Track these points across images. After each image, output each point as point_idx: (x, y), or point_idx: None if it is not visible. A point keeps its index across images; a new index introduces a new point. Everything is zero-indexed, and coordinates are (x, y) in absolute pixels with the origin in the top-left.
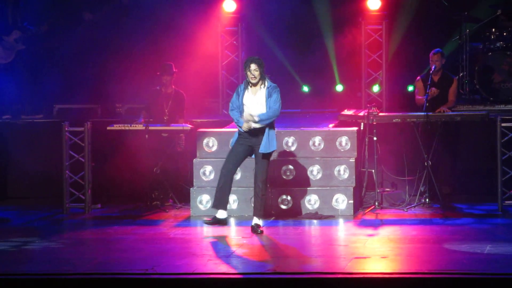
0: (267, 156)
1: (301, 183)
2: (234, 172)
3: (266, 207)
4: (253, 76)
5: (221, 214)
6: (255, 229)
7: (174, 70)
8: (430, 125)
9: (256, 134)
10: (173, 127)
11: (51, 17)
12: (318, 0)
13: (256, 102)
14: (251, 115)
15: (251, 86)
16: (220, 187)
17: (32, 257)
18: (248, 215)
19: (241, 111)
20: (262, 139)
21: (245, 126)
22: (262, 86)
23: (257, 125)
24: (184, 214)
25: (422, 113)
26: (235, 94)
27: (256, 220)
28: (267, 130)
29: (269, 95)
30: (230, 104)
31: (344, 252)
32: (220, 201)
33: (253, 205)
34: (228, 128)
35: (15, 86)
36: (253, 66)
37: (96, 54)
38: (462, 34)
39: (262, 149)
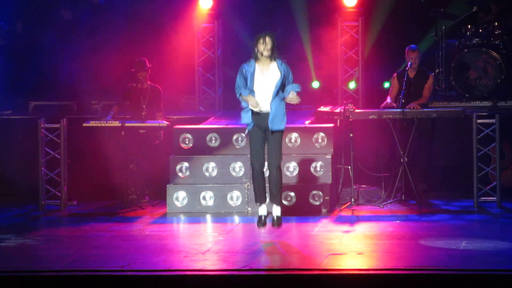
0: (281, 135)
1: None
2: (264, 161)
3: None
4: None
5: (262, 210)
6: (276, 222)
7: (148, 65)
8: (406, 121)
9: (266, 112)
10: (149, 123)
11: (26, 16)
12: None
13: (265, 81)
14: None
15: (259, 64)
16: (258, 182)
17: (7, 254)
18: (225, 211)
19: (250, 92)
20: (274, 115)
21: (256, 107)
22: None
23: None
24: (160, 211)
25: (398, 110)
26: (240, 75)
27: (276, 211)
28: (279, 104)
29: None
30: (237, 87)
31: (320, 248)
32: (261, 196)
33: (268, 193)
34: (204, 124)
35: None
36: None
37: (72, 51)
38: (438, 30)
39: (276, 125)
